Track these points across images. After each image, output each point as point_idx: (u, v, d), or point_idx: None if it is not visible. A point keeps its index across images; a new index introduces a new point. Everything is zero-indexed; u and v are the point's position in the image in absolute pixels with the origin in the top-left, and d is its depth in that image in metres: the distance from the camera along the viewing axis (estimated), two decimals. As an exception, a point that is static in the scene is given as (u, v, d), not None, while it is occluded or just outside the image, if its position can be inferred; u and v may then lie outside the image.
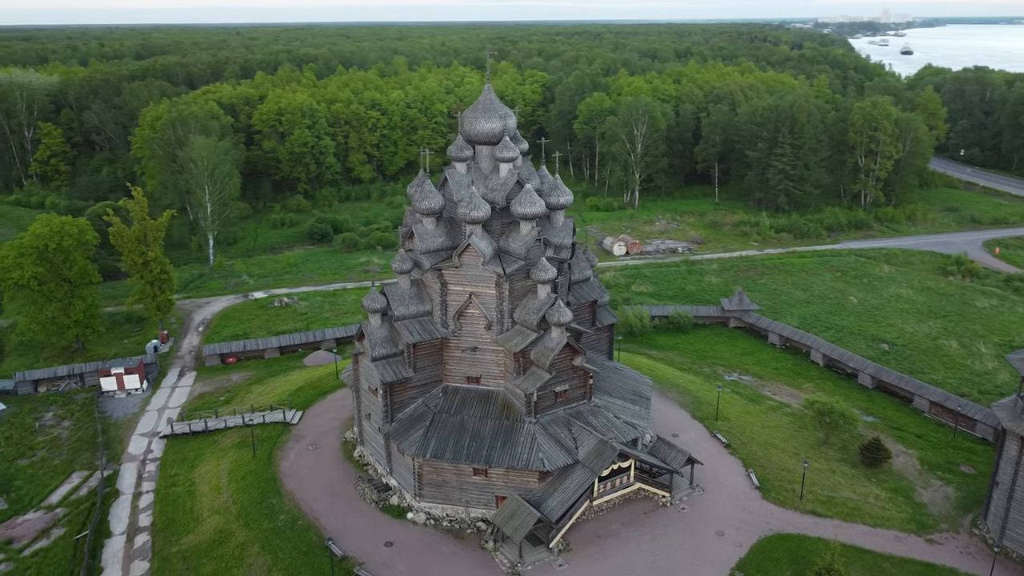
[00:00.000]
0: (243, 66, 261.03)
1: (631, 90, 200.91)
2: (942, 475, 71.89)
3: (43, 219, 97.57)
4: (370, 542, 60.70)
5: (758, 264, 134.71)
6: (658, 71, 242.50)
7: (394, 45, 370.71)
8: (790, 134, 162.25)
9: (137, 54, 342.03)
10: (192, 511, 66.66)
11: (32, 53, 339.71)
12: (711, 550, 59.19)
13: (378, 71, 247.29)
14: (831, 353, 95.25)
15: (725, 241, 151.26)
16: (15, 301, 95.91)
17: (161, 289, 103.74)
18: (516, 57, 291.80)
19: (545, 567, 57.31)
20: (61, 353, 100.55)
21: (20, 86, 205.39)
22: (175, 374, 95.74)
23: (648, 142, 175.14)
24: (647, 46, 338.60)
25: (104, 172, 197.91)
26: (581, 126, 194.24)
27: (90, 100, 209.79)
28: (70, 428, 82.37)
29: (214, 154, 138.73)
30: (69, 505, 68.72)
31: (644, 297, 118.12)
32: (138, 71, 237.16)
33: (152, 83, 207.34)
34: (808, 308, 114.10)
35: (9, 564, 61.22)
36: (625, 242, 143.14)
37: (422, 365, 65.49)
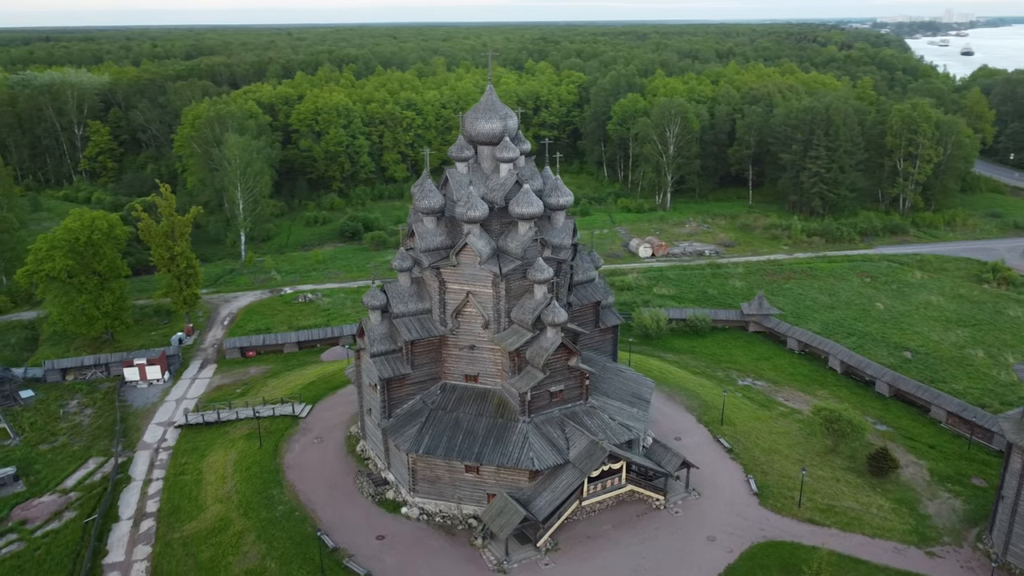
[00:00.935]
0: (284, 66, 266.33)
1: (666, 91, 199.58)
2: (952, 487, 70.09)
3: (75, 213, 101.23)
4: (363, 535, 61.75)
5: (785, 268, 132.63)
6: (697, 72, 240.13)
7: (436, 46, 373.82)
8: (825, 136, 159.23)
9: (187, 54, 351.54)
10: (197, 499, 68.61)
11: (88, 53, 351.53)
12: (700, 555, 58.79)
13: (416, 71, 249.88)
14: (848, 360, 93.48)
15: (755, 244, 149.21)
16: (48, 292, 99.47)
17: (187, 283, 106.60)
18: (555, 57, 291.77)
19: (531, 565, 57.61)
20: (91, 343, 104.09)
21: (72, 85, 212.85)
22: (196, 366, 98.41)
23: (680, 143, 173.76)
24: (689, 47, 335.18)
25: (149, 169, 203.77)
26: (615, 127, 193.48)
27: (137, 99, 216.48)
28: (92, 416, 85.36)
29: (246, 152, 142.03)
30: (83, 489, 71.28)
31: (664, 299, 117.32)
32: (183, 71, 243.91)
33: (195, 83, 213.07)
34: (832, 314, 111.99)
35: (21, 544, 63.85)
36: (651, 244, 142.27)
37: (420, 362, 66.31)
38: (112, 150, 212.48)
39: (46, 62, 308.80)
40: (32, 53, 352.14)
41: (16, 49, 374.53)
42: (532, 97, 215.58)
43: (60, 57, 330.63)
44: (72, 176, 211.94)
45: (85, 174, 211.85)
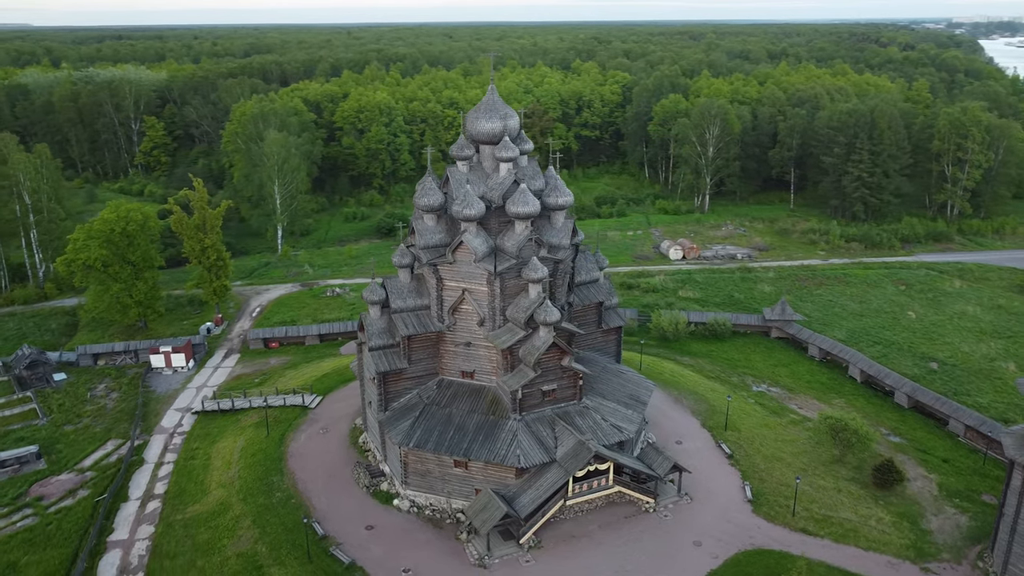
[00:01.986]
0: (333, 65, 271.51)
1: (710, 92, 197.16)
2: (959, 503, 68.00)
3: (112, 206, 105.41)
4: (353, 524, 63.13)
5: (818, 274, 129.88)
6: (745, 73, 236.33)
7: (486, 45, 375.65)
8: (869, 140, 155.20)
9: (245, 52, 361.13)
10: (202, 483, 71.04)
11: (152, 51, 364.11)
12: (683, 559, 58.44)
13: (462, 71, 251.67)
14: (868, 369, 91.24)
15: (790, 249, 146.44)
16: (85, 281, 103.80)
17: (217, 275, 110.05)
18: (602, 57, 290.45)
19: (512, 562, 58.12)
20: (126, 331, 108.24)
21: (130, 82, 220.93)
22: (221, 355, 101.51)
23: (720, 145, 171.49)
24: (740, 47, 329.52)
25: (199, 164, 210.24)
26: (656, 128, 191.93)
27: (191, 96, 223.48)
28: (116, 400, 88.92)
29: (284, 148, 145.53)
30: (98, 470, 74.42)
31: (688, 302, 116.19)
32: (236, 69, 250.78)
33: (244, 80, 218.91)
34: (860, 321, 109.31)
35: (35, 518, 67.07)
36: (682, 246, 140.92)
37: (417, 357, 67.37)
38: (166, 145, 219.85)
39: (112, 59, 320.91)
40: (100, 51, 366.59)
41: (86, 47, 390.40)
42: (575, 97, 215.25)
43: (126, 55, 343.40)
44: (128, 169, 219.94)
45: (140, 168, 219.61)
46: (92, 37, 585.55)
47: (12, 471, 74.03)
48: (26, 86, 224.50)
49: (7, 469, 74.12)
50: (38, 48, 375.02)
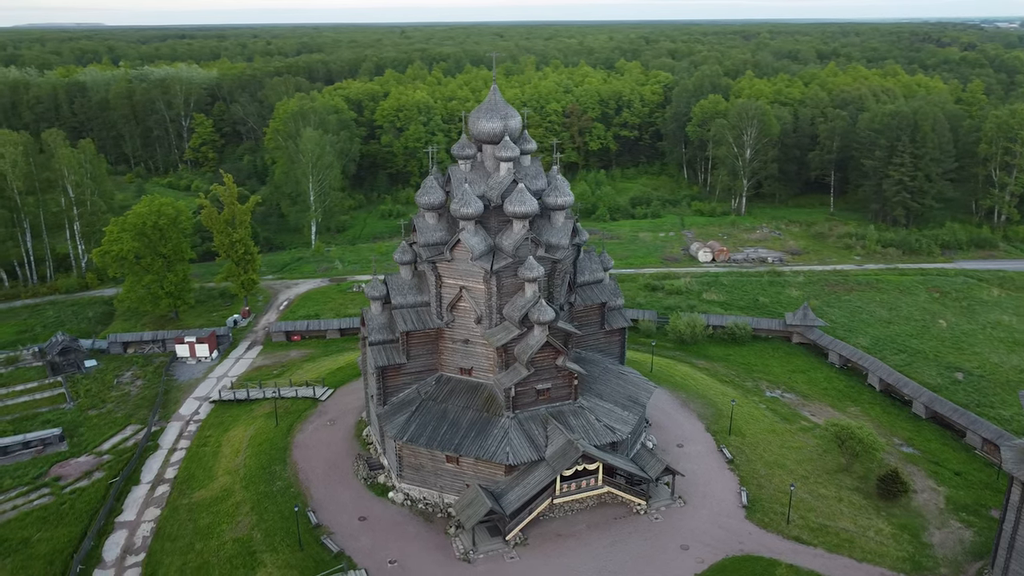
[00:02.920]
0: (377, 64, 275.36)
1: (751, 92, 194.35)
2: (965, 517, 66.14)
3: (145, 200, 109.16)
4: (347, 515, 64.45)
5: (850, 279, 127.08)
6: (791, 73, 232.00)
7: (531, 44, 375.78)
8: (911, 143, 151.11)
9: (297, 51, 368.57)
10: (210, 469, 73.32)
11: (208, 50, 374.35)
12: (667, 562, 58.17)
13: (504, 70, 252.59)
14: (888, 377, 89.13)
15: (825, 253, 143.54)
16: (119, 271, 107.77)
17: (245, 269, 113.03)
18: (647, 57, 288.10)
19: (496, 558, 58.66)
20: (158, 321, 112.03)
21: (181, 80, 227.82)
22: (244, 347, 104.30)
23: (757, 147, 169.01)
24: (790, 47, 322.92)
25: (245, 160, 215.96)
26: (694, 129, 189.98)
27: (239, 94, 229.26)
28: (140, 387, 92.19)
29: (318, 146, 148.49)
30: (115, 453, 77.38)
31: (711, 305, 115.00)
32: (282, 67, 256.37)
33: (289, 79, 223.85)
34: (887, 328, 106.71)
35: (51, 497, 70.12)
36: (712, 248, 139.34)
37: (416, 353, 68.35)
38: (214, 141, 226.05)
39: (170, 58, 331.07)
40: (158, 50, 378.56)
41: (146, 46, 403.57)
42: (615, 97, 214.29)
43: (183, 53, 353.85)
44: (178, 165, 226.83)
45: (189, 163, 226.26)
46: (157, 36, 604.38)
47: (36, 452, 77.49)
48: (84, 84, 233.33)
49: (31, 450, 77.62)
50: (101, 47, 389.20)
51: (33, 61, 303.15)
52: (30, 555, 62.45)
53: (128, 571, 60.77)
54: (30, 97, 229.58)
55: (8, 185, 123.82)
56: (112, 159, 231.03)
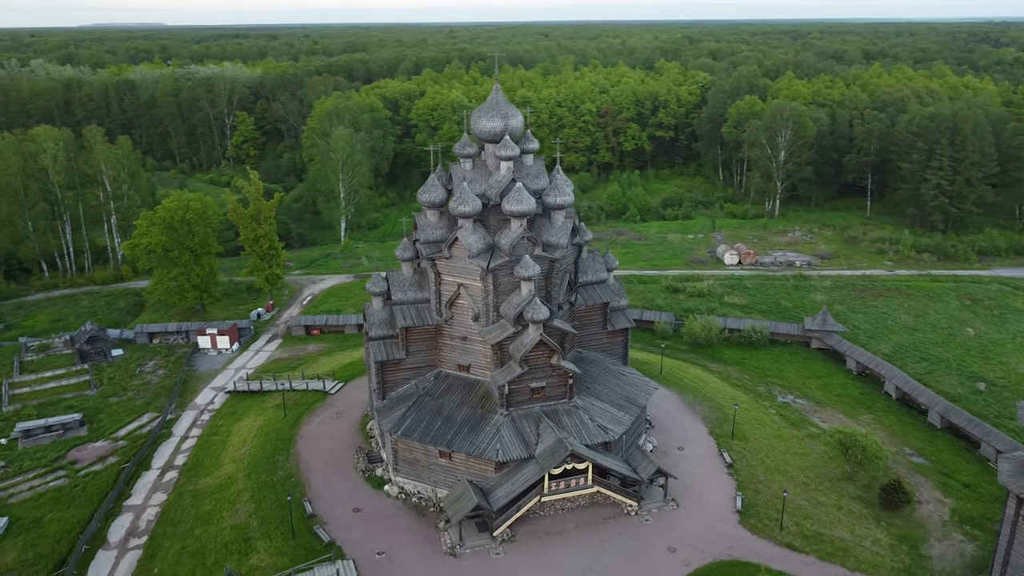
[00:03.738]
0: (416, 63, 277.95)
1: (789, 93, 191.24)
2: (969, 530, 64.45)
3: (175, 195, 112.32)
4: (342, 506, 65.67)
5: (878, 285, 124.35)
6: (834, 74, 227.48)
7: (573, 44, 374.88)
8: (950, 146, 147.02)
9: (342, 50, 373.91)
10: (217, 458, 75.33)
11: (255, 49, 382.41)
12: (652, 564, 57.97)
13: (542, 70, 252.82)
14: (904, 385, 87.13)
15: (856, 258, 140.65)
16: (148, 264, 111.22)
17: (269, 263, 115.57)
18: (687, 56, 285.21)
19: (482, 553, 59.18)
20: (185, 312, 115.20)
21: (225, 79, 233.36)
22: (265, 339, 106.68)
23: (792, 149, 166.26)
24: (835, 47, 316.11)
25: (285, 158, 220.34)
26: (730, 130, 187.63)
27: (280, 92, 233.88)
28: (161, 376, 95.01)
29: (348, 144, 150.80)
30: (130, 439, 79.99)
31: (731, 308, 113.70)
32: (322, 67, 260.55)
33: (328, 78, 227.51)
34: (910, 336, 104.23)
35: (66, 480, 72.87)
36: (738, 251, 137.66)
37: (415, 349, 69.24)
38: (255, 139, 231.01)
39: (219, 57, 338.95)
40: (208, 49, 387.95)
41: (197, 46, 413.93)
42: (651, 97, 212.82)
43: (232, 53, 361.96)
44: (220, 161, 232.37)
45: (231, 160, 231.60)
46: (212, 36, 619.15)
47: (57, 435, 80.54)
48: (133, 82, 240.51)
49: (52, 433, 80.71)
50: (154, 46, 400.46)
51: (88, 60, 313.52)
52: (41, 534, 65.02)
53: (130, 553, 62.87)
54: (82, 95, 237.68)
55: (49, 180, 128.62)
56: (158, 155, 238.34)
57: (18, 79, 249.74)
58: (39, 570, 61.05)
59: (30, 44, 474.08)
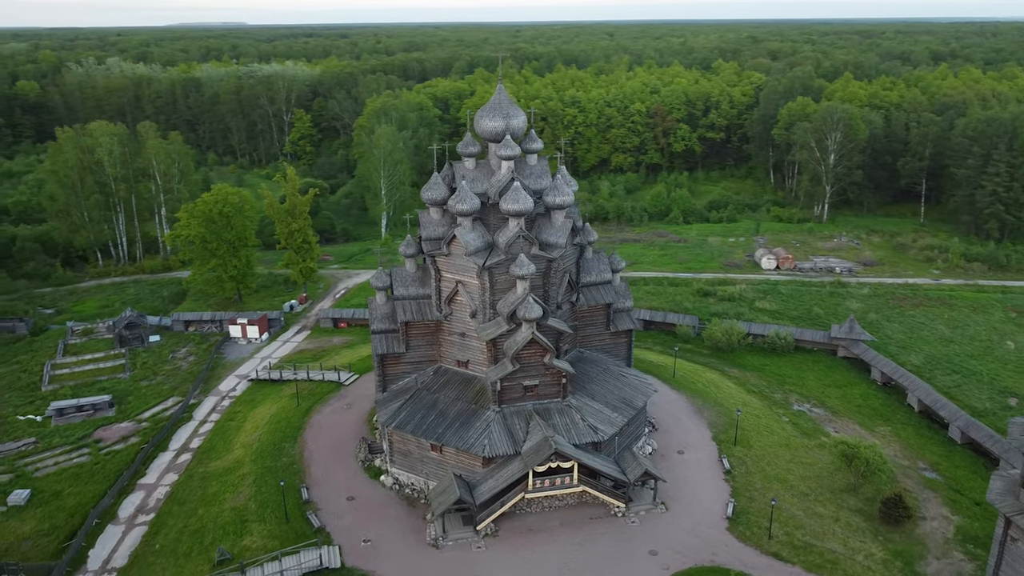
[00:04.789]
0: (470, 62, 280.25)
1: (845, 95, 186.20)
2: (971, 549, 62.22)
3: (215, 188, 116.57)
4: (337, 494, 67.56)
5: (920, 294, 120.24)
6: (897, 75, 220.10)
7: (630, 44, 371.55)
8: (1008, 151, 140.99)
9: (404, 49, 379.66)
10: (230, 442, 78.27)
11: (320, 48, 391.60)
12: (631, 566, 57.91)
13: (595, 69, 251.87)
14: (926, 398, 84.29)
15: (901, 265, 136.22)
16: (188, 254, 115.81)
17: (303, 257, 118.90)
18: (745, 56, 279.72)
19: (464, 546, 60.13)
20: (223, 302, 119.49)
21: (284, 77, 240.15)
22: (294, 331, 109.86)
23: (842, 152, 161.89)
24: (902, 48, 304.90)
25: (339, 155, 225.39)
26: (780, 132, 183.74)
27: (336, 91, 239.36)
28: (191, 363, 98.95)
29: (391, 142, 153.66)
30: (153, 421, 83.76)
31: (760, 314, 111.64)
32: (378, 66, 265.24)
33: (381, 77, 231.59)
34: (945, 347, 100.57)
35: (88, 457, 76.86)
36: (776, 256, 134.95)
37: (415, 343, 70.63)
38: (312, 136, 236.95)
39: (285, 56, 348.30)
40: (275, 48, 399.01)
41: (265, 44, 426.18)
42: (702, 98, 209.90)
43: (298, 51, 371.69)
44: (278, 157, 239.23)
45: (288, 156, 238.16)
46: (286, 34, 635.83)
47: (87, 415, 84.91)
48: (199, 80, 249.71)
49: (83, 413, 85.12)
50: (225, 45, 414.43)
51: (160, 58, 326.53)
52: (58, 506, 68.84)
53: (136, 528, 66.04)
54: (151, 91, 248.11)
55: (104, 172, 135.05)
56: (220, 151, 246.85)
57: (94, 76, 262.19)
58: (52, 540, 64.73)
59: (114, 43, 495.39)
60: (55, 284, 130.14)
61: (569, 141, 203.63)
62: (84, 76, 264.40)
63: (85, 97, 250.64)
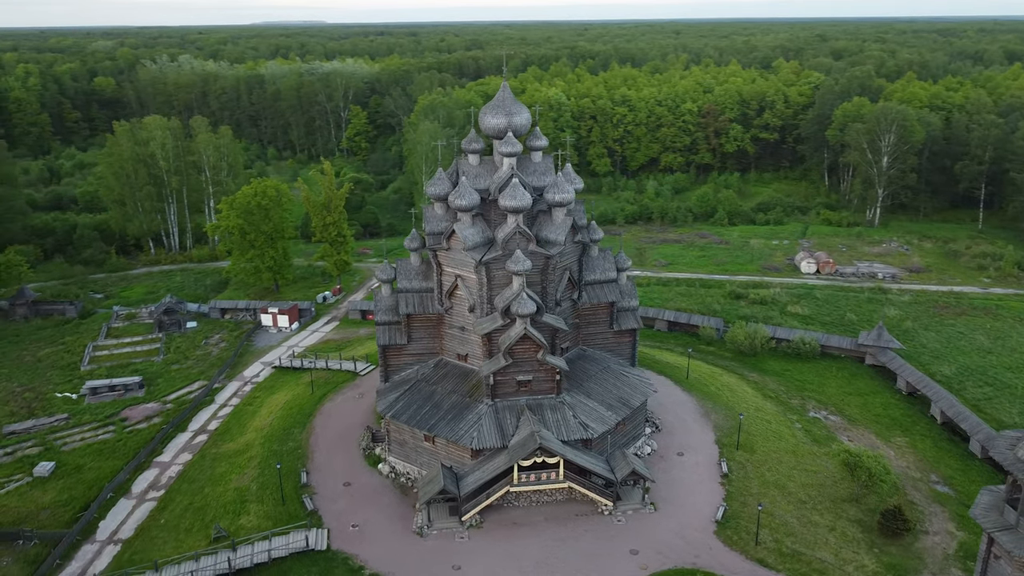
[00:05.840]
0: (524, 61, 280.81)
1: (904, 95, 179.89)
2: (971, 566, 59.81)
3: (254, 182, 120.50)
4: (335, 479, 69.42)
5: (964, 302, 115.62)
6: (966, 75, 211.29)
7: (692, 43, 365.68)
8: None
9: (466, 47, 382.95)
10: (244, 425, 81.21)
11: (385, 46, 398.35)
12: (609, 564, 57.87)
13: (651, 68, 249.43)
14: (948, 410, 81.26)
15: (950, 273, 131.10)
16: (227, 245, 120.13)
17: (338, 250, 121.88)
18: (808, 55, 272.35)
19: (448, 535, 61.12)
20: (262, 292, 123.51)
21: (343, 75, 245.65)
22: (324, 321, 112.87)
23: (896, 154, 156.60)
24: (978, 47, 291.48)
25: (392, 151, 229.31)
26: (834, 133, 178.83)
27: (392, 88, 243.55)
28: (221, 349, 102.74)
29: (431, 139, 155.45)
30: (176, 403, 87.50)
31: (790, 318, 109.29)
32: (433, 64, 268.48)
33: (434, 75, 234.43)
34: (982, 358, 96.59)
35: (113, 434, 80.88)
36: (817, 260, 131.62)
37: (417, 336, 71.95)
38: (367, 132, 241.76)
39: (350, 53, 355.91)
40: (342, 46, 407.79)
41: (333, 43, 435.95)
42: (757, 97, 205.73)
43: (363, 49, 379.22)
44: (335, 152, 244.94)
45: (344, 152, 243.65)
46: (359, 32, 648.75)
47: (118, 395, 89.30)
48: (262, 76, 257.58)
49: (115, 392, 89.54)
50: (293, 43, 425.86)
51: (229, 56, 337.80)
52: (79, 479, 72.75)
53: (146, 503, 69.34)
54: (217, 88, 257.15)
55: (157, 165, 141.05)
56: (280, 146, 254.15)
57: (165, 72, 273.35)
58: (68, 510, 68.50)
59: (194, 40, 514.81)
60: (109, 270, 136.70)
61: (618, 140, 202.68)
62: (157, 73, 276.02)
63: (156, 93, 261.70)
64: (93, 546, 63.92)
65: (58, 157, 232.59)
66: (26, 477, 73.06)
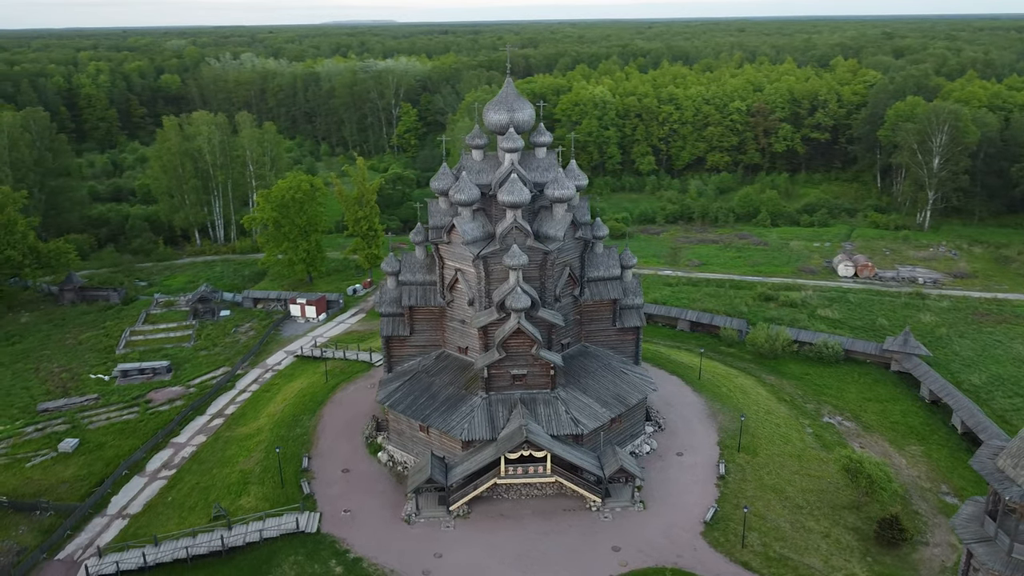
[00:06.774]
0: (574, 58, 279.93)
1: (963, 95, 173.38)
2: (968, 581, 57.89)
3: (290, 176, 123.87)
4: (334, 465, 71.17)
5: (1006, 310, 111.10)
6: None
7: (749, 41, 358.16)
8: None
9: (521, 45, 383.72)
10: (258, 411, 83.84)
11: (441, 45, 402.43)
12: (590, 560, 57.92)
13: (703, 66, 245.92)
14: (969, 419, 78.42)
15: (997, 279, 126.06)
16: (263, 237, 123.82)
17: (369, 244, 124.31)
18: (866, 53, 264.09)
19: (434, 524, 62.11)
20: (296, 283, 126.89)
21: (395, 73, 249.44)
22: (350, 313, 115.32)
23: (948, 156, 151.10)
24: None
25: (440, 148, 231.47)
26: (886, 133, 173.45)
27: (442, 86, 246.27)
28: (249, 337, 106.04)
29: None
30: (199, 388, 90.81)
31: (819, 322, 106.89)
32: (484, 62, 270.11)
33: (481, 73, 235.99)
34: (1015, 368, 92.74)
35: (136, 415, 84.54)
36: (855, 263, 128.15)
37: (420, 328, 73.12)
38: (417, 129, 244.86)
39: (408, 52, 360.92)
40: (399, 44, 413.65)
41: (392, 41, 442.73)
42: (809, 96, 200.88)
43: (420, 48, 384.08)
44: (385, 149, 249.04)
45: (394, 148, 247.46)
46: (423, 31, 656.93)
47: (146, 377, 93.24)
48: (318, 74, 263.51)
49: (144, 375, 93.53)
50: (354, 42, 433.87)
51: (290, 54, 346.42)
52: (99, 456, 76.40)
53: (157, 481, 72.43)
54: (274, 85, 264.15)
55: (203, 159, 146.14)
56: (333, 142, 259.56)
57: (227, 70, 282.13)
58: (85, 484, 72.06)
59: (262, 39, 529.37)
60: (156, 260, 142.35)
61: (663, 138, 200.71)
62: (219, 70, 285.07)
63: (217, 90, 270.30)
64: (103, 519, 67.13)
65: (123, 151, 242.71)
66: (51, 452, 77.02)
